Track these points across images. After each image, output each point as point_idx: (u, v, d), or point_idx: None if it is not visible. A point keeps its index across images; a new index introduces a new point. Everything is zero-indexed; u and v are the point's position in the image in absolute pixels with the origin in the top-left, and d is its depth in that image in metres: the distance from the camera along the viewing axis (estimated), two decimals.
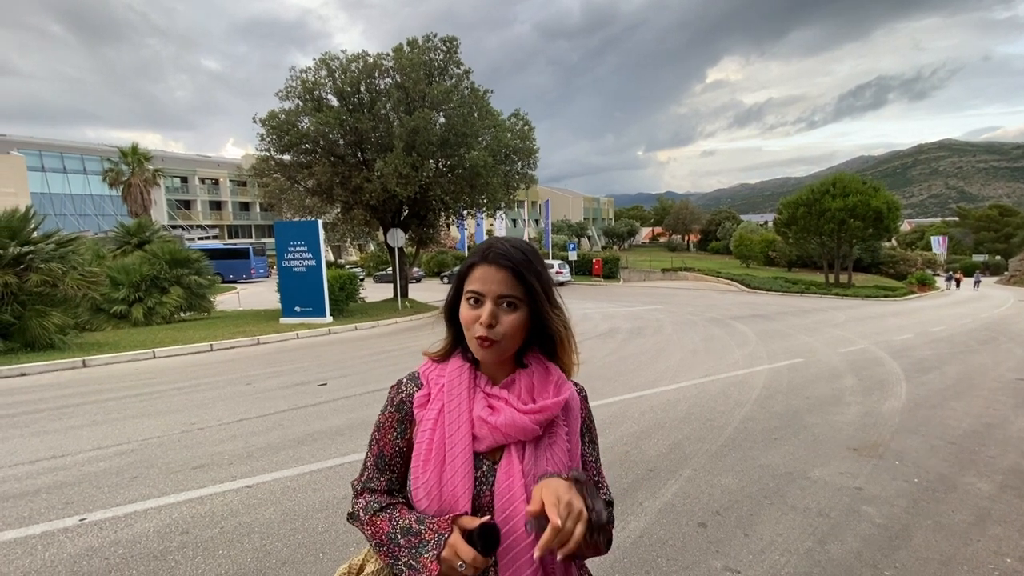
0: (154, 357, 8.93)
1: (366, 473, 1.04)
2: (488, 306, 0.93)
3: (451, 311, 1.03)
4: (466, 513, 0.90)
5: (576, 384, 1.09)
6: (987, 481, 3.84)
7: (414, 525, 0.91)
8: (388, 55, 15.32)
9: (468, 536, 0.85)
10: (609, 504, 1.05)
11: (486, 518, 0.86)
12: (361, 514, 0.99)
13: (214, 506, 3.31)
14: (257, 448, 4.34)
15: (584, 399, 1.08)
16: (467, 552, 0.83)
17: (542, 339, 1.01)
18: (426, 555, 0.86)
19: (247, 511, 3.25)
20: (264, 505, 3.32)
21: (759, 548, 2.88)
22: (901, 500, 3.50)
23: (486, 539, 0.83)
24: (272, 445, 4.41)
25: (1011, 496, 3.59)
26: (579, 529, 0.78)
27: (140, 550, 2.81)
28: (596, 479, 1.06)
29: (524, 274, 0.95)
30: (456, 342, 1.05)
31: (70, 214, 38.40)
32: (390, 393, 1.06)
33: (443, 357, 1.06)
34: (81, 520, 3.13)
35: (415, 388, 1.04)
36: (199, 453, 4.23)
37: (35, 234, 9.64)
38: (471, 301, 0.95)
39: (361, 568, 1.04)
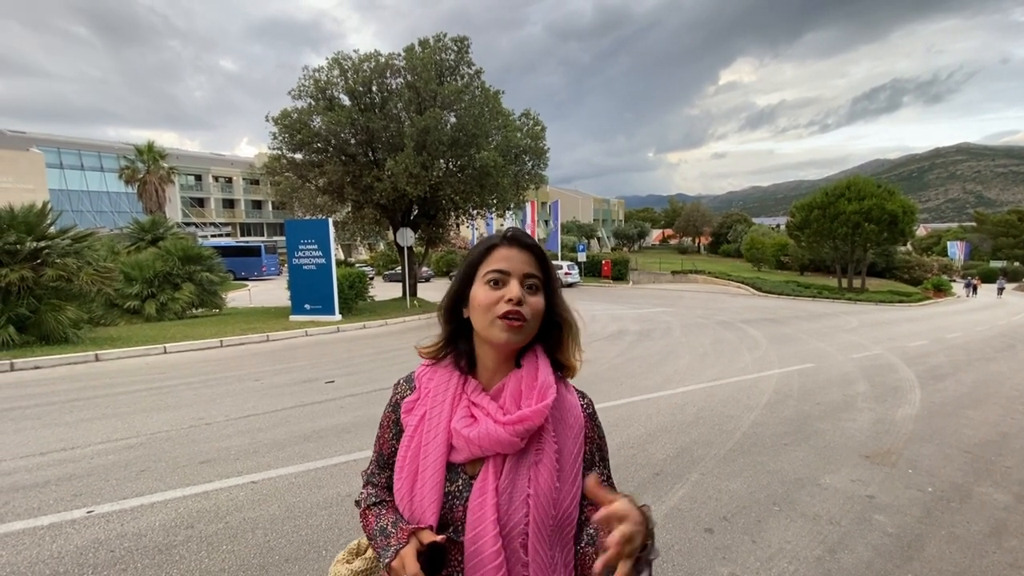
0: (165, 352, 9.03)
1: (370, 467, 1.06)
2: (515, 283, 0.90)
3: (453, 304, 0.98)
4: (431, 527, 0.87)
5: (583, 397, 1.01)
6: (1003, 492, 3.74)
7: (389, 528, 0.92)
8: (400, 55, 15.37)
9: (420, 552, 0.85)
10: None
11: (439, 538, 0.85)
12: (361, 504, 1.03)
13: (219, 501, 3.33)
14: (263, 444, 4.36)
15: (590, 416, 0.99)
16: (411, 567, 0.82)
17: (548, 330, 0.97)
18: (385, 558, 0.87)
19: (252, 507, 3.26)
20: (269, 501, 3.33)
21: (767, 555, 2.82)
22: (914, 509, 3.42)
23: (430, 560, 0.83)
24: (278, 441, 4.42)
25: None
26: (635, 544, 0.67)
27: (145, 543, 2.82)
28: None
29: (545, 257, 0.95)
30: (451, 340, 1.00)
31: (87, 210, 39.02)
32: (392, 391, 1.05)
33: (436, 354, 1.02)
34: (88, 512, 3.16)
35: (408, 391, 1.01)
36: (206, 448, 4.26)
37: (51, 230, 9.79)
38: (491, 283, 0.91)
39: (367, 549, 1.07)
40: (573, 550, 0.92)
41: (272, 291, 22.61)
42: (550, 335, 0.97)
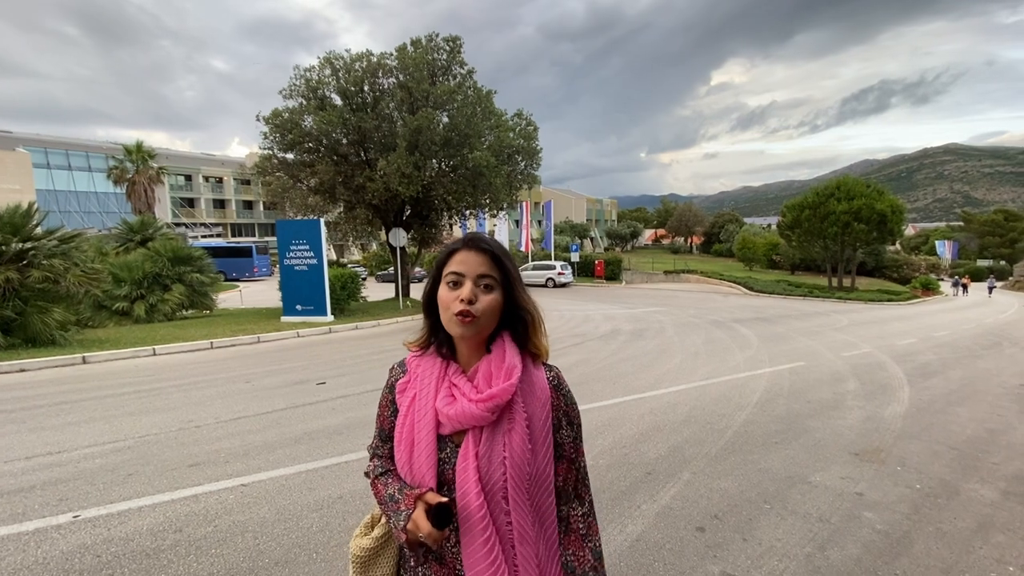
0: (154, 354, 8.93)
1: (374, 441, 1.21)
2: (468, 284, 1.02)
3: (430, 300, 1.10)
4: (431, 489, 1.03)
5: (549, 369, 1.14)
6: (990, 488, 3.79)
7: (396, 494, 1.07)
8: (392, 55, 15.31)
9: (428, 512, 1.00)
10: (599, 556, 1.12)
11: (443, 499, 1.00)
12: (370, 475, 1.18)
13: (208, 504, 3.29)
14: (254, 446, 4.32)
15: (555, 387, 1.11)
16: (425, 527, 0.98)
17: (514, 324, 1.09)
18: (399, 523, 1.02)
19: (241, 510, 3.23)
20: (259, 504, 3.30)
21: (758, 553, 2.84)
22: (902, 506, 3.46)
23: (438, 517, 0.99)
24: (269, 443, 4.39)
25: (1014, 503, 3.54)
26: None
27: (133, 548, 2.79)
28: (574, 456, 1.12)
29: (501, 259, 1.06)
30: (433, 332, 1.13)
31: (75, 211, 38.57)
32: (388, 374, 1.20)
33: (422, 346, 1.15)
34: (75, 517, 3.11)
35: (401, 374, 1.17)
36: (195, 451, 4.21)
37: (38, 230, 9.66)
38: (450, 284, 1.04)
39: (381, 518, 1.20)
40: (553, 500, 1.09)
41: (263, 292, 22.47)
42: (516, 325, 1.10)
